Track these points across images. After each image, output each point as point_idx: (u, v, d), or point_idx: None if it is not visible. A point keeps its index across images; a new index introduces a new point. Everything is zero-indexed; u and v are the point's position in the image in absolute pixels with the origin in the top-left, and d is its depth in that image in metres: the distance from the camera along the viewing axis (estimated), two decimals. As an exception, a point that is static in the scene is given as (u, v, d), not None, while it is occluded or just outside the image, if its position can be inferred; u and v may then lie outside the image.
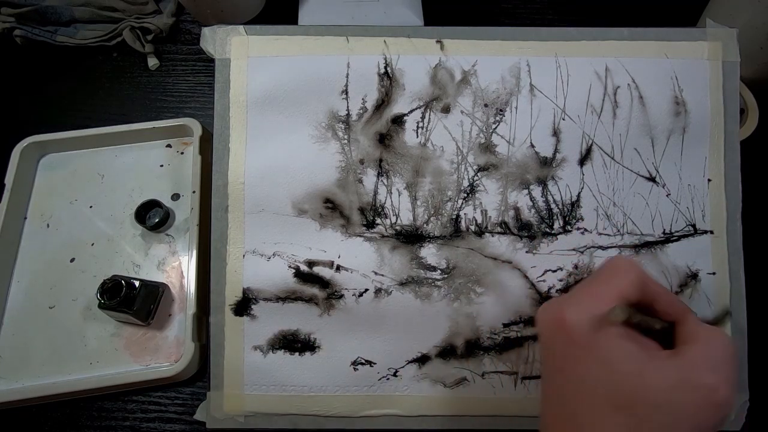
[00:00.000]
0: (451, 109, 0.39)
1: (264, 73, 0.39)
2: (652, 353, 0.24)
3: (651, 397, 0.23)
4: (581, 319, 0.25)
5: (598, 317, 0.24)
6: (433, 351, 0.38)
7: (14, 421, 0.40)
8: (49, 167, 0.48)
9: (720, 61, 0.39)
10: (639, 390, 0.23)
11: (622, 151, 0.39)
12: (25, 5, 0.55)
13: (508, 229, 0.39)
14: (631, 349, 0.24)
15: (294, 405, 0.38)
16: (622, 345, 0.24)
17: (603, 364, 0.24)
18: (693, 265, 0.39)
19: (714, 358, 0.24)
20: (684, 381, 0.23)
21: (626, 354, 0.24)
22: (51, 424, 0.40)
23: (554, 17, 0.58)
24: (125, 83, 0.55)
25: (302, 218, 0.39)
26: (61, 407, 0.40)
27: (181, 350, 0.39)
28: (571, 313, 0.25)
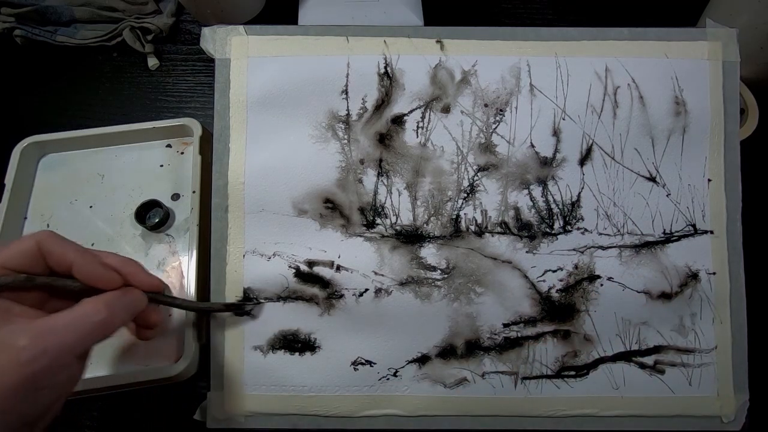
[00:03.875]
0: (451, 109, 0.39)
1: (264, 73, 0.39)
2: (6, 317, 0.27)
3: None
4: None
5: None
6: (433, 351, 0.38)
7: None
8: (49, 167, 0.48)
9: (720, 61, 0.39)
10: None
11: (622, 151, 0.39)
12: (25, 5, 0.55)
13: (508, 229, 0.39)
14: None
15: (294, 405, 0.38)
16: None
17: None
18: (693, 265, 0.39)
19: (54, 324, 0.26)
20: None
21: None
22: (51, 424, 0.40)
23: (554, 17, 0.58)
24: (125, 83, 0.55)
25: (302, 218, 0.39)
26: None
27: (181, 350, 0.39)
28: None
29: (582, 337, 0.38)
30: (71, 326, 0.27)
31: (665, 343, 0.38)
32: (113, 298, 0.29)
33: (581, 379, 0.38)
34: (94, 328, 0.28)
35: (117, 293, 0.30)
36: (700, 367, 0.38)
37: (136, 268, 0.32)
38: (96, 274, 0.29)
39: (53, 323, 0.27)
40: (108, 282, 0.30)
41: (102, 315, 0.28)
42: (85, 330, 0.27)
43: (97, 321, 0.28)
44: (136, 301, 0.31)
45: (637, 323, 0.38)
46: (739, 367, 0.38)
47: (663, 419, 0.38)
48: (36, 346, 0.25)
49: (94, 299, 0.28)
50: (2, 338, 0.25)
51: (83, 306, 0.28)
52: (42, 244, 0.28)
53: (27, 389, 0.25)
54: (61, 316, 0.27)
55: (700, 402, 0.38)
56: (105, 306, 0.28)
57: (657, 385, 0.38)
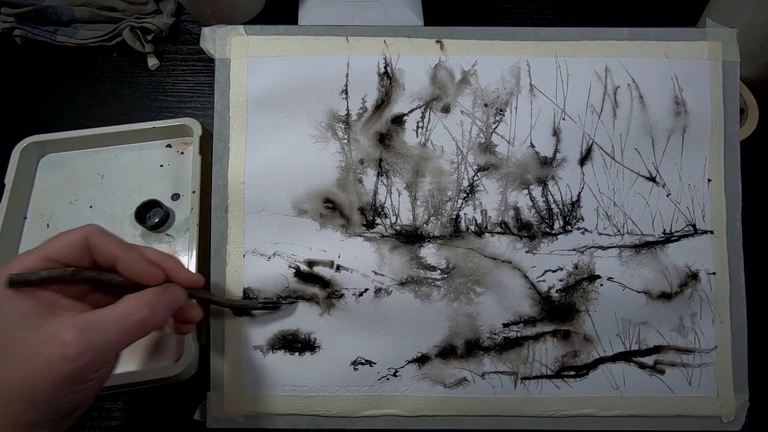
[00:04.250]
0: (451, 109, 0.39)
1: (264, 73, 0.39)
2: (49, 310, 0.27)
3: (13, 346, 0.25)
4: (0, 275, 0.27)
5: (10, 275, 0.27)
6: (433, 351, 0.38)
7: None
8: (49, 167, 0.48)
9: (720, 61, 0.39)
10: (8, 341, 0.26)
11: (622, 151, 0.39)
12: (25, 5, 0.55)
13: (508, 229, 0.39)
14: (22, 306, 0.26)
15: (294, 405, 0.38)
16: (11, 302, 0.26)
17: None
18: (693, 265, 0.39)
19: (100, 320, 0.27)
20: (40, 334, 0.26)
21: (12, 309, 0.26)
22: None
23: (554, 17, 0.58)
24: (125, 83, 0.55)
25: (302, 218, 0.39)
26: (61, 407, 0.40)
27: (181, 350, 0.39)
28: (0, 268, 0.27)
29: (582, 337, 0.38)
30: (116, 323, 0.27)
31: (665, 343, 0.38)
32: (155, 296, 0.30)
33: (581, 379, 0.38)
34: (137, 325, 0.28)
35: (158, 290, 0.30)
36: (700, 367, 0.38)
37: (176, 264, 0.32)
38: (140, 270, 0.30)
39: (99, 319, 0.27)
40: (151, 278, 0.30)
41: (145, 313, 0.28)
42: (129, 327, 0.28)
43: (140, 319, 0.28)
44: (177, 297, 0.31)
45: (637, 323, 0.38)
46: (739, 367, 0.38)
47: (663, 419, 0.38)
48: (83, 341, 0.26)
49: (136, 297, 0.29)
50: (49, 331, 0.26)
51: (126, 303, 0.28)
52: (89, 238, 0.29)
53: (71, 383, 0.26)
54: (106, 312, 0.28)
55: (700, 402, 0.38)
56: (147, 304, 0.29)
57: (657, 385, 0.38)
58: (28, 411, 0.25)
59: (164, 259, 0.32)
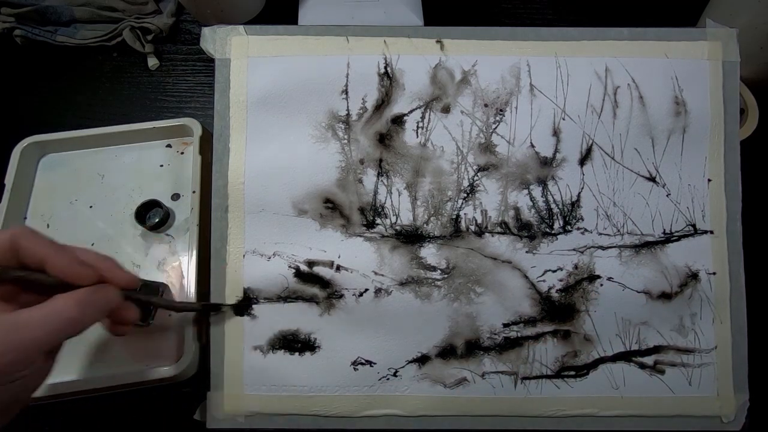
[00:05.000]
0: (451, 109, 0.39)
1: (264, 73, 0.39)
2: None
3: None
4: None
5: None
6: (433, 351, 0.38)
7: (14, 421, 0.40)
8: (49, 167, 0.48)
9: (720, 61, 0.39)
10: None
11: (622, 151, 0.39)
12: (25, 5, 0.55)
13: (508, 229, 0.39)
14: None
15: (294, 405, 0.38)
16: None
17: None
18: (693, 265, 0.39)
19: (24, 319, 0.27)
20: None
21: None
22: (51, 424, 0.40)
23: (554, 17, 0.58)
24: (125, 83, 0.55)
25: (302, 218, 0.39)
26: (61, 407, 0.40)
27: (181, 350, 0.39)
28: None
29: (582, 337, 0.38)
30: (41, 322, 0.27)
31: (665, 343, 0.38)
32: (85, 295, 0.29)
33: (581, 379, 0.38)
34: (65, 324, 0.28)
35: (89, 290, 0.30)
36: (700, 367, 0.38)
37: (110, 264, 0.32)
38: (70, 270, 0.29)
39: (24, 318, 0.27)
40: (81, 278, 0.29)
41: (72, 312, 0.28)
42: (55, 326, 0.27)
43: (68, 318, 0.28)
44: (109, 298, 0.31)
45: (637, 323, 0.38)
46: (739, 367, 0.38)
47: (663, 419, 0.38)
48: (5, 340, 0.25)
49: (65, 296, 0.28)
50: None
51: (54, 302, 0.28)
52: (15, 239, 0.28)
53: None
54: (32, 312, 0.27)
55: (700, 402, 0.38)
56: (76, 303, 0.28)
57: (657, 385, 0.38)
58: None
59: (98, 260, 0.31)
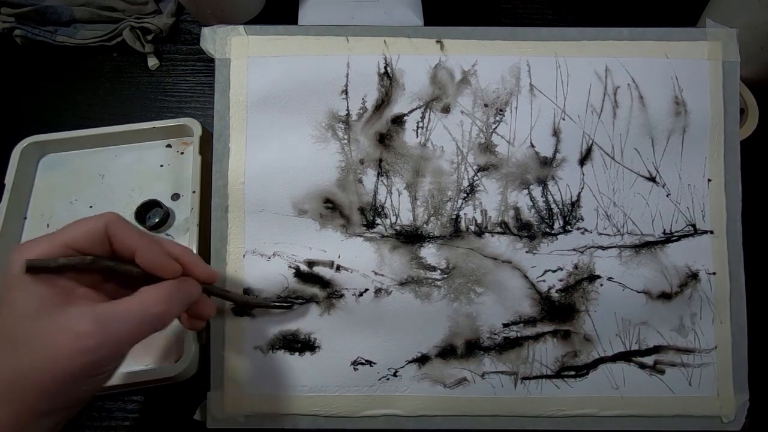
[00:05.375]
0: (451, 109, 0.39)
1: (264, 73, 0.39)
2: (65, 298, 0.26)
3: (29, 334, 0.25)
4: (18, 259, 0.26)
5: (26, 260, 0.26)
6: (433, 351, 0.38)
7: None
8: (49, 167, 0.48)
9: (720, 61, 0.39)
10: (25, 329, 0.25)
11: (622, 151, 0.39)
12: (25, 5, 0.55)
13: (508, 229, 0.39)
14: (39, 293, 0.26)
15: (294, 405, 0.38)
16: (28, 288, 0.26)
17: (6, 304, 0.26)
18: (693, 265, 0.39)
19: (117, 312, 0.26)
20: (57, 324, 0.25)
21: (28, 296, 0.26)
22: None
23: (554, 17, 0.58)
24: (125, 83, 0.55)
25: (302, 218, 0.39)
26: (61, 407, 0.40)
27: (181, 350, 0.39)
28: (17, 251, 0.26)
29: (582, 337, 0.38)
30: (133, 316, 0.27)
31: (665, 343, 0.38)
32: (172, 289, 0.29)
33: (581, 379, 0.38)
34: (153, 319, 0.28)
35: (175, 283, 0.29)
36: (700, 367, 0.38)
37: (194, 258, 0.32)
38: (159, 263, 0.29)
39: (117, 311, 0.26)
40: (169, 272, 0.29)
41: (162, 307, 0.28)
42: (146, 321, 0.27)
43: (158, 312, 0.28)
44: (192, 292, 0.31)
45: (637, 323, 0.38)
46: (739, 367, 0.38)
47: (663, 419, 0.38)
48: (100, 334, 0.25)
49: (154, 289, 0.28)
50: (66, 321, 0.25)
51: (143, 296, 0.28)
52: (109, 227, 0.28)
53: (85, 375, 0.25)
54: (124, 305, 0.27)
55: (700, 402, 0.38)
56: (165, 298, 0.28)
57: (657, 385, 0.38)
58: (41, 401, 0.25)
59: (182, 253, 0.31)
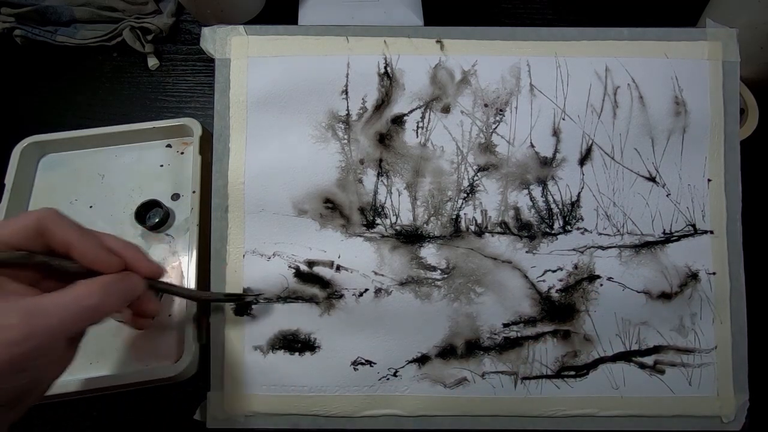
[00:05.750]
0: (451, 109, 0.39)
1: (264, 73, 0.39)
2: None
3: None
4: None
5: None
6: (433, 351, 0.38)
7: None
8: (49, 167, 0.48)
9: (720, 61, 0.39)
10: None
11: (622, 151, 0.39)
12: (25, 5, 0.55)
13: (508, 229, 0.39)
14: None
15: (294, 405, 0.38)
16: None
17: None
18: (693, 265, 0.39)
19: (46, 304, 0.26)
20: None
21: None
22: (51, 424, 0.40)
23: (554, 17, 0.58)
24: (125, 83, 0.55)
25: (302, 218, 0.39)
26: (61, 407, 0.40)
27: (181, 350, 0.39)
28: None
29: (582, 337, 0.38)
30: (63, 308, 0.26)
31: (665, 343, 0.38)
32: (109, 282, 0.28)
33: (581, 379, 0.38)
34: (86, 311, 0.27)
35: (113, 277, 0.29)
36: (700, 367, 0.38)
37: (136, 252, 0.31)
38: (96, 257, 0.28)
39: (45, 303, 0.26)
40: (107, 265, 0.29)
41: (95, 299, 0.27)
42: (77, 313, 0.27)
43: (90, 305, 0.27)
44: (133, 286, 0.30)
45: (637, 323, 0.38)
46: (739, 367, 0.38)
47: (663, 419, 0.38)
48: (26, 325, 0.25)
49: (88, 282, 0.28)
50: None
51: (76, 288, 0.27)
52: (42, 222, 0.27)
53: (12, 369, 0.25)
54: (54, 297, 0.26)
55: (700, 402, 0.38)
56: (99, 290, 0.27)
57: (657, 385, 0.38)
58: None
59: (124, 247, 0.30)
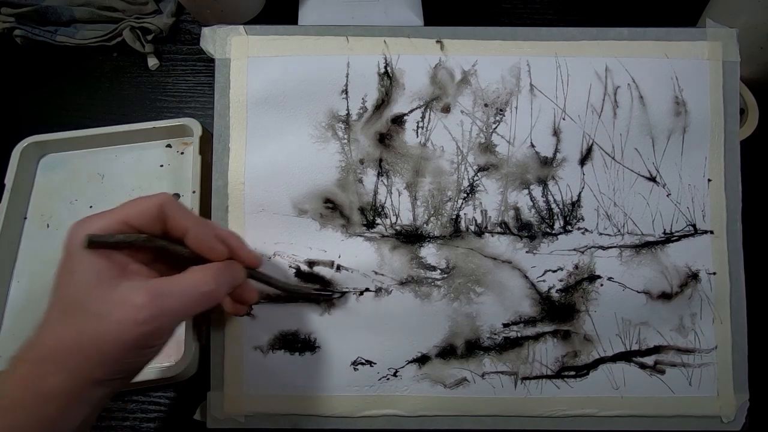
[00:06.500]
0: (451, 109, 0.39)
1: (264, 73, 0.39)
2: (120, 272, 0.28)
3: (87, 304, 0.26)
4: (78, 233, 0.27)
5: (87, 234, 0.27)
6: (433, 351, 0.38)
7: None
8: (49, 167, 0.48)
9: (720, 61, 0.39)
10: (84, 298, 0.26)
11: (622, 151, 0.39)
12: (25, 5, 0.55)
13: (508, 229, 0.39)
14: (97, 265, 0.27)
15: (294, 405, 0.38)
16: (88, 260, 0.27)
17: (66, 274, 0.27)
18: (693, 265, 0.39)
19: (169, 287, 0.28)
20: (114, 296, 0.26)
21: (87, 267, 0.27)
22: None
23: (554, 17, 0.58)
24: (125, 83, 0.55)
25: (302, 218, 0.39)
26: (61, 407, 0.40)
27: (181, 350, 0.39)
28: (77, 226, 0.28)
29: (582, 337, 0.38)
30: (185, 292, 0.28)
31: (665, 343, 0.38)
32: (220, 271, 0.30)
33: (581, 379, 0.38)
34: (203, 297, 0.29)
35: (222, 265, 0.30)
36: (700, 367, 0.38)
37: (240, 242, 0.32)
38: (208, 245, 0.30)
39: (169, 287, 0.27)
40: (217, 254, 0.30)
41: (211, 286, 0.29)
42: (195, 298, 0.28)
43: (206, 291, 0.29)
44: (238, 275, 0.32)
45: (637, 323, 0.38)
46: (739, 367, 0.38)
47: (663, 419, 0.38)
48: (153, 307, 0.26)
49: (203, 269, 0.29)
50: (122, 294, 0.26)
51: (194, 274, 0.29)
52: (163, 207, 0.29)
53: (138, 347, 0.26)
54: (176, 281, 0.28)
55: (700, 402, 0.38)
56: (213, 277, 0.29)
57: (657, 385, 0.38)
58: (97, 369, 0.26)
59: (228, 236, 0.32)
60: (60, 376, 0.25)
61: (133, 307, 0.26)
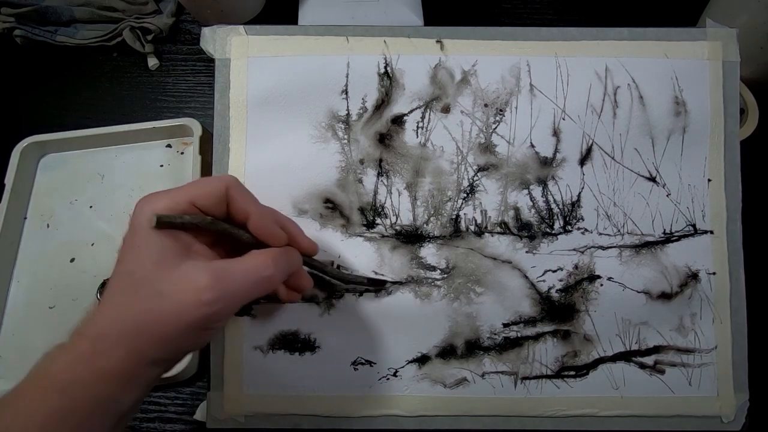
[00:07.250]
0: (451, 109, 0.39)
1: (264, 73, 0.39)
2: (184, 252, 0.27)
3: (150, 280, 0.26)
4: (145, 210, 0.27)
5: (156, 213, 0.27)
6: (433, 351, 0.38)
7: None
8: (49, 167, 0.48)
9: (720, 61, 0.39)
10: (149, 276, 0.26)
11: (622, 151, 0.39)
12: (25, 5, 0.55)
13: (508, 229, 0.39)
14: (163, 244, 0.27)
15: (294, 405, 0.38)
16: (153, 238, 0.27)
17: (131, 250, 0.27)
18: (693, 265, 0.39)
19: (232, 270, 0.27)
20: (178, 275, 0.26)
21: (153, 245, 0.27)
22: None
23: (554, 17, 0.58)
24: (125, 83, 0.55)
25: (302, 218, 0.39)
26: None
27: (181, 350, 0.39)
28: (143, 203, 0.28)
29: (582, 337, 0.38)
30: (247, 276, 0.28)
31: (665, 343, 0.38)
32: (280, 255, 0.30)
33: (581, 379, 0.38)
34: (263, 281, 0.28)
35: (282, 251, 0.30)
36: (700, 367, 0.38)
37: (298, 229, 0.32)
38: (269, 231, 0.30)
39: (231, 269, 0.27)
40: (277, 240, 0.30)
41: (271, 270, 0.28)
42: (256, 282, 0.28)
43: (267, 275, 0.28)
44: (295, 261, 0.32)
45: (637, 323, 0.38)
46: (739, 367, 0.38)
47: (663, 419, 0.38)
48: (217, 288, 0.26)
49: (263, 253, 0.29)
50: (185, 273, 0.26)
51: (255, 258, 0.29)
52: (229, 189, 0.29)
53: (199, 327, 0.26)
54: (238, 264, 0.28)
55: (700, 402, 0.38)
56: (273, 262, 0.29)
57: (657, 385, 0.38)
58: (156, 348, 0.25)
59: (288, 223, 0.32)
60: (118, 353, 0.25)
61: (196, 287, 0.26)
